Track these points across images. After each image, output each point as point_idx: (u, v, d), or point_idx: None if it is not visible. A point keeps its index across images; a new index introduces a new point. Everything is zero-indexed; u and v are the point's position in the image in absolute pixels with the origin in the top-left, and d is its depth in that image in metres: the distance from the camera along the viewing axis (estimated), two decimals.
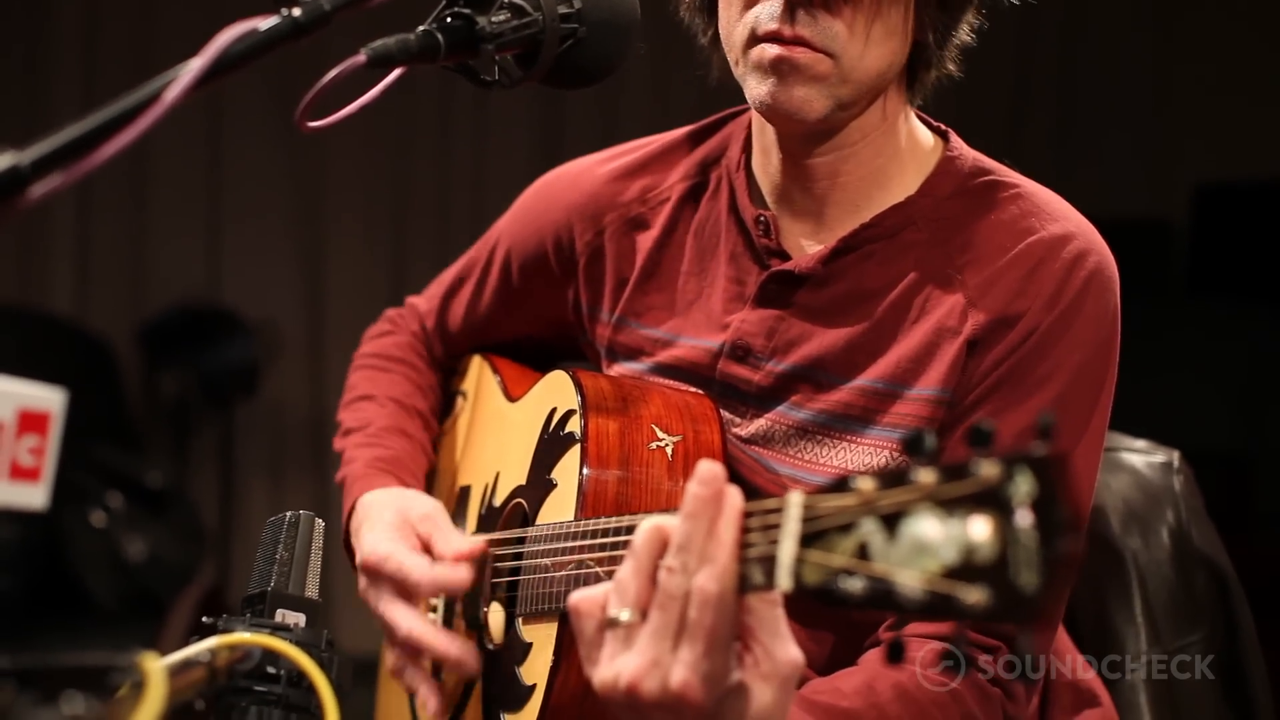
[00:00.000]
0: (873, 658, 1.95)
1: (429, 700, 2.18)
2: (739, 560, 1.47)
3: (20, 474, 1.39)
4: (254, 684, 1.74)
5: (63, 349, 6.01)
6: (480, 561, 2.17)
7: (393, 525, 2.19)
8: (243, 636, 1.68)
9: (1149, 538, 2.40)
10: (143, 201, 6.64)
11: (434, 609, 2.35)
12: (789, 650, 1.51)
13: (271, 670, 1.73)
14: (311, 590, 1.88)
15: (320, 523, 1.91)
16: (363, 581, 2.19)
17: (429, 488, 2.47)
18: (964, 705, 1.89)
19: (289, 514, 1.91)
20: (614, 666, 1.54)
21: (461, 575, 2.11)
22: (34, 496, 1.40)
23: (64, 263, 6.59)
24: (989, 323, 1.99)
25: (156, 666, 1.33)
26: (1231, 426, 6.66)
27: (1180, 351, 6.33)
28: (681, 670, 1.48)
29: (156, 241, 6.66)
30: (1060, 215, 2.05)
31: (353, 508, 2.29)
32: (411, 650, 2.16)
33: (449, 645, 2.12)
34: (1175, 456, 2.47)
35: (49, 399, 1.41)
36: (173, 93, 1.47)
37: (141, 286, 6.64)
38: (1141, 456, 2.47)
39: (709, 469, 1.50)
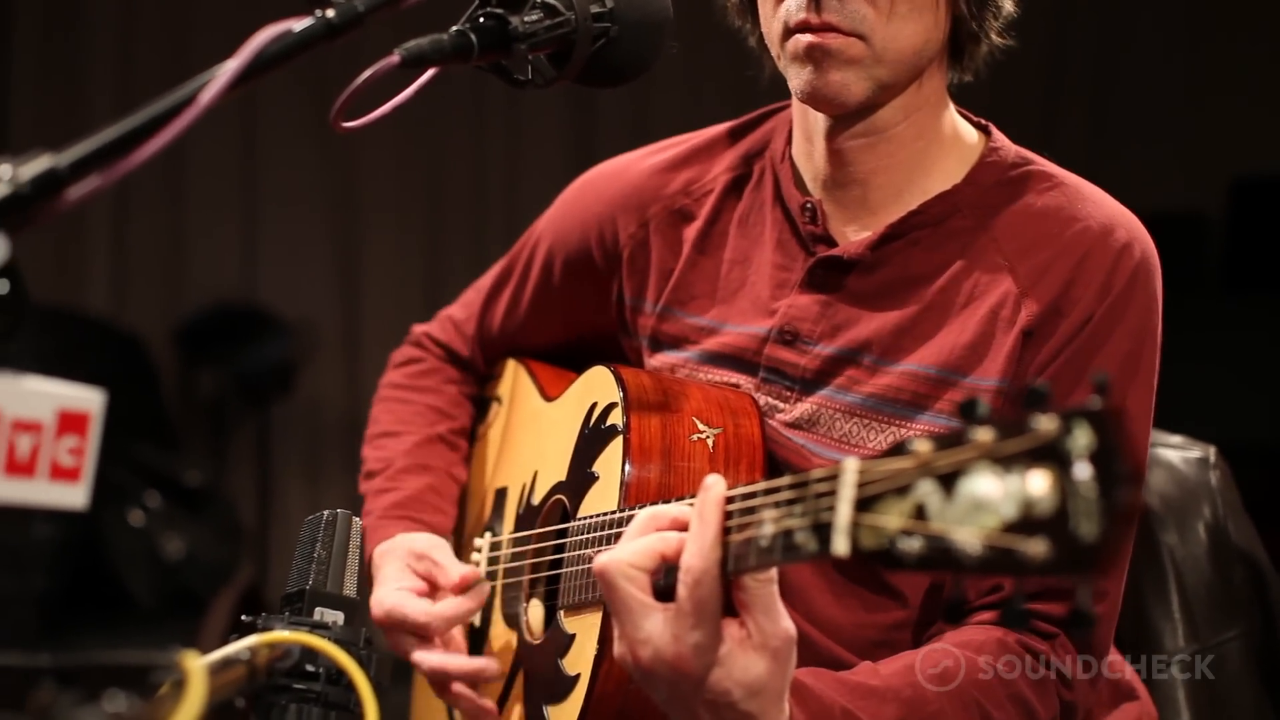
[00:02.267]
0: (924, 647, 1.95)
1: (480, 717, 2.24)
2: (722, 541, 1.58)
3: (61, 474, 1.40)
4: (293, 682, 1.74)
5: (100, 349, 6.03)
6: (485, 587, 2.25)
7: (393, 576, 2.26)
8: (282, 634, 1.69)
9: (1186, 533, 2.39)
10: (178, 201, 6.66)
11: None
12: (780, 624, 1.61)
13: (311, 668, 1.74)
14: (349, 589, 1.89)
15: (358, 521, 1.92)
16: (386, 638, 2.25)
17: (464, 497, 2.48)
18: (1012, 687, 1.89)
19: (326, 513, 1.91)
20: (623, 640, 1.66)
21: (463, 607, 2.21)
22: (74, 496, 1.41)
23: (100, 263, 6.62)
24: (1042, 313, 2.00)
25: (197, 665, 1.33)
26: (1268, 420, 6.63)
27: (1217, 345, 6.30)
28: (672, 642, 1.60)
29: (192, 241, 6.69)
30: (1103, 205, 2.07)
31: (370, 558, 2.33)
32: (440, 684, 2.24)
33: (467, 665, 2.21)
34: (1211, 452, 2.46)
35: (88, 399, 1.41)
36: (208, 94, 1.47)
37: (177, 286, 6.66)
38: (1178, 452, 2.46)
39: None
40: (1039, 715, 1.92)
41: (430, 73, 1.70)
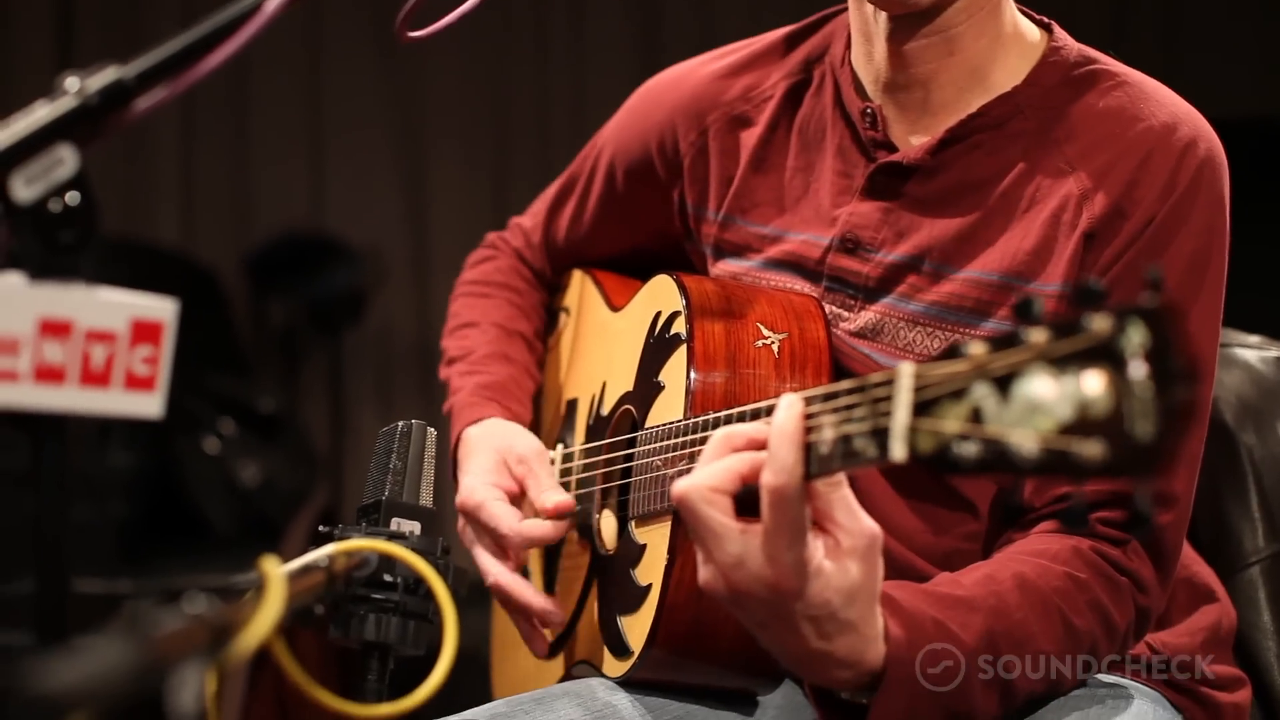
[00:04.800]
0: (998, 555, 1.95)
1: (530, 642, 2.25)
2: (804, 451, 1.54)
3: (136, 384, 1.41)
4: (371, 592, 1.76)
5: (171, 280, 6.02)
6: (572, 520, 2.22)
7: (489, 469, 2.24)
8: (359, 542, 1.70)
9: (1264, 433, 2.37)
10: (244, 131, 6.66)
11: None
12: (864, 524, 1.60)
13: (388, 578, 1.75)
14: (426, 499, 1.90)
15: (433, 431, 1.92)
16: (460, 521, 2.24)
17: (536, 406, 2.48)
18: (1090, 593, 1.88)
19: (401, 423, 1.92)
20: (710, 565, 1.63)
21: (548, 531, 2.18)
22: (150, 406, 1.42)
23: (169, 194, 6.64)
24: (1105, 215, 1.97)
25: (276, 569, 1.34)
26: None
27: None
28: (768, 563, 1.57)
29: (259, 172, 6.69)
30: (1168, 103, 2.03)
31: (459, 439, 2.32)
32: (502, 598, 2.24)
33: (533, 599, 2.20)
34: None
35: (162, 308, 1.43)
36: (273, 3, 1.47)
37: (246, 216, 6.68)
38: (1255, 352, 2.44)
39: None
40: (1116, 621, 1.91)
41: None
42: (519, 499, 2.22)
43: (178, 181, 6.65)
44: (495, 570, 2.20)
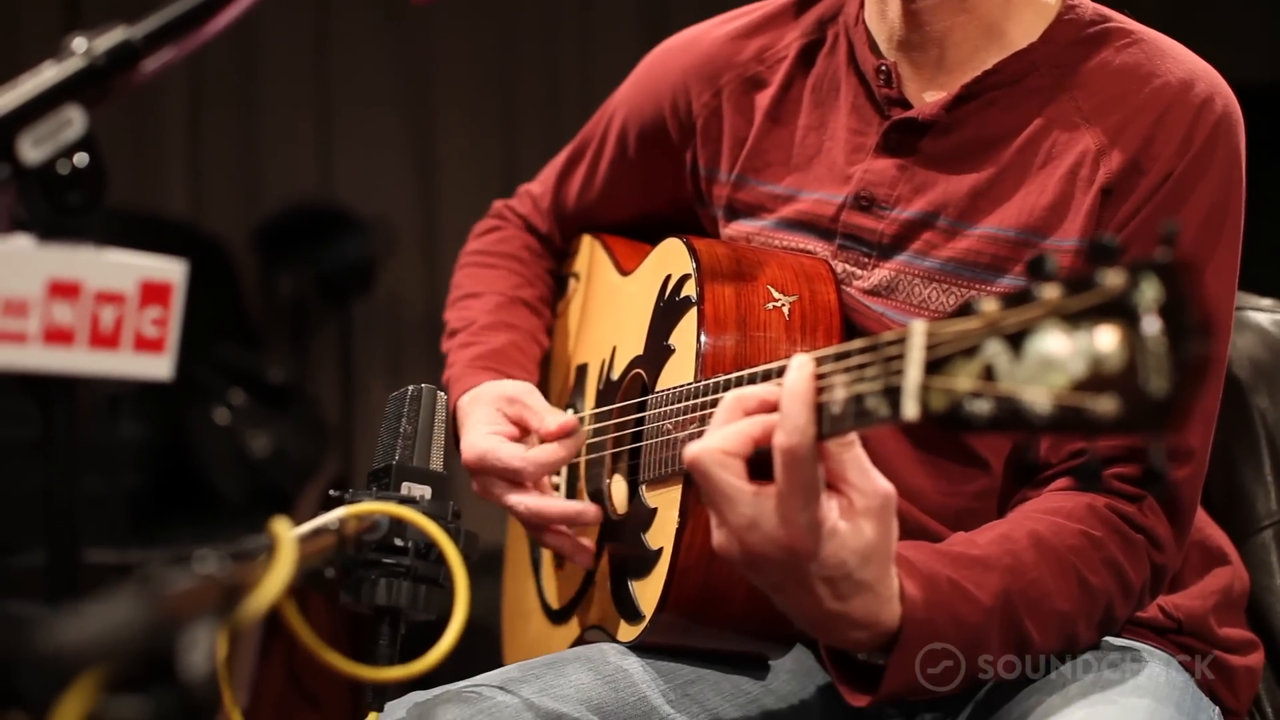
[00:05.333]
0: (1013, 514, 1.94)
1: (577, 556, 2.23)
2: (816, 411, 1.53)
3: (145, 345, 1.40)
4: (382, 557, 1.75)
5: (179, 251, 5.98)
6: (582, 434, 2.21)
7: (485, 420, 2.24)
8: (370, 505, 1.69)
9: (1277, 396, 2.36)
10: (253, 101, 6.66)
11: (556, 487, 2.37)
12: (877, 483, 1.59)
13: (399, 542, 1.75)
14: (436, 463, 1.89)
15: (443, 395, 1.92)
16: (475, 483, 2.24)
17: (545, 372, 2.48)
18: (1105, 550, 1.88)
19: (411, 387, 1.92)
20: (724, 529, 1.62)
21: (558, 452, 2.18)
22: (159, 367, 1.42)
23: (177, 166, 6.63)
24: (1122, 170, 1.97)
25: (287, 531, 1.34)
26: None
27: None
28: (782, 525, 1.57)
29: (267, 143, 6.69)
30: (1184, 60, 2.03)
31: (454, 409, 2.32)
32: (537, 526, 2.21)
33: (566, 507, 2.19)
34: None
35: (170, 269, 1.42)
36: None
37: (254, 187, 6.67)
38: (1268, 315, 2.43)
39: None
40: (1131, 578, 1.91)
41: None
42: (521, 440, 2.23)
43: (186, 153, 6.65)
44: (524, 502, 2.19)
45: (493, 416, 2.24)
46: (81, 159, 1.40)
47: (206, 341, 5.51)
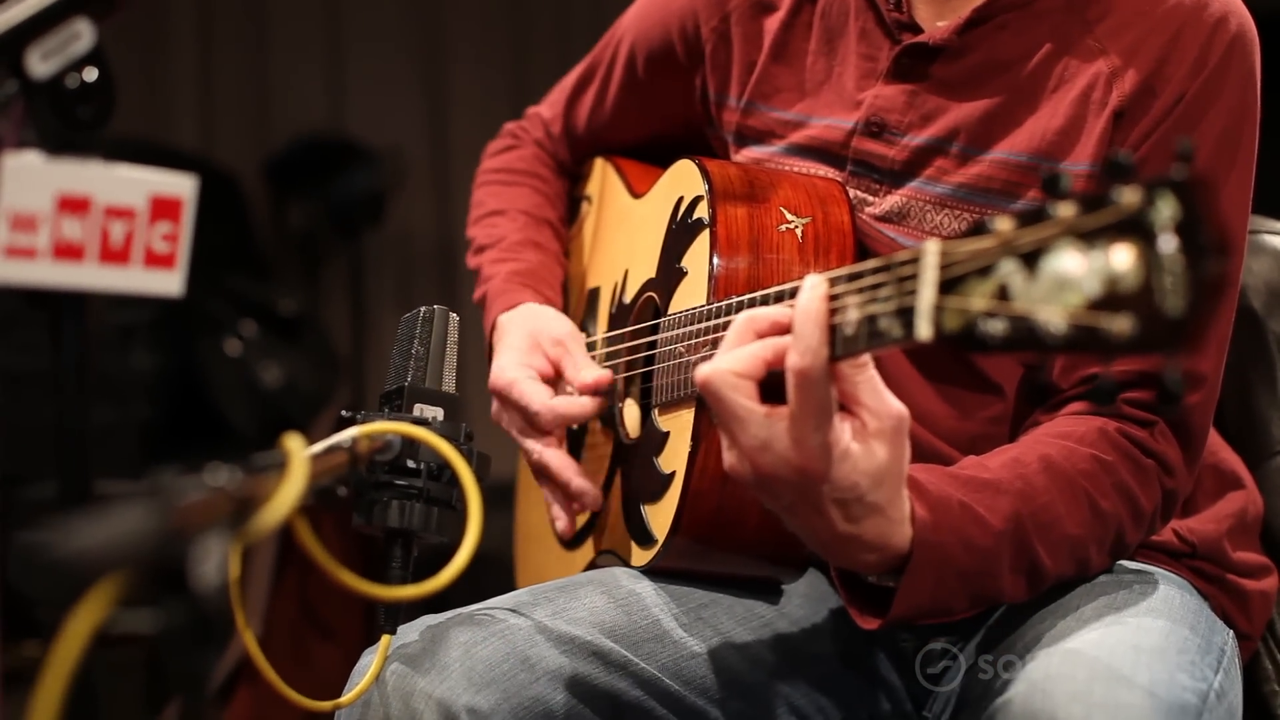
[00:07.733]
0: (1024, 438, 1.93)
1: (558, 520, 2.24)
2: (828, 332, 1.52)
3: (155, 261, 1.40)
4: (395, 479, 1.75)
5: None
6: (609, 390, 2.20)
7: (522, 348, 2.22)
8: (382, 424, 1.69)
9: None
10: (263, 33, 6.63)
11: None
12: (890, 405, 1.58)
13: (411, 464, 1.75)
14: (448, 384, 1.89)
15: (455, 317, 1.91)
16: (494, 405, 2.23)
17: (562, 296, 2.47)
18: (1115, 475, 1.87)
19: (423, 309, 1.91)
20: (735, 450, 1.62)
21: (582, 407, 2.17)
22: (169, 283, 1.41)
23: (188, 98, 6.61)
24: (1134, 93, 1.95)
25: (299, 447, 1.33)
26: None
27: None
28: (794, 447, 1.56)
29: (278, 76, 6.66)
30: None
31: (494, 325, 2.30)
32: (538, 473, 2.22)
33: (572, 476, 2.18)
34: None
35: (180, 184, 1.41)
36: None
37: (265, 118, 6.65)
38: None
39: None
40: (1142, 503, 1.91)
41: None
42: (553, 381, 2.22)
43: (197, 85, 6.62)
44: (537, 447, 2.19)
45: (532, 350, 2.23)
46: (90, 73, 1.38)
47: (218, 273, 5.51)
